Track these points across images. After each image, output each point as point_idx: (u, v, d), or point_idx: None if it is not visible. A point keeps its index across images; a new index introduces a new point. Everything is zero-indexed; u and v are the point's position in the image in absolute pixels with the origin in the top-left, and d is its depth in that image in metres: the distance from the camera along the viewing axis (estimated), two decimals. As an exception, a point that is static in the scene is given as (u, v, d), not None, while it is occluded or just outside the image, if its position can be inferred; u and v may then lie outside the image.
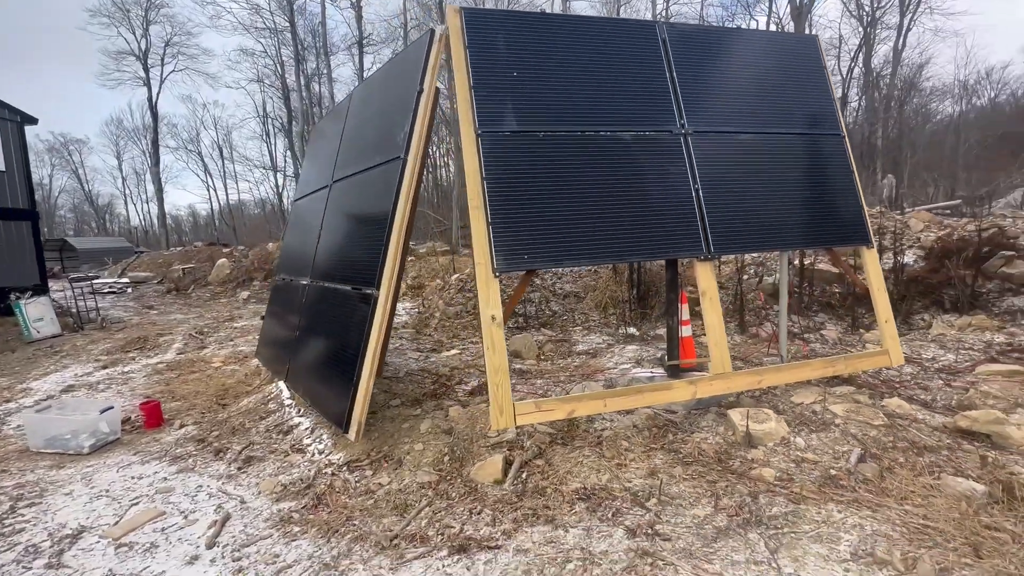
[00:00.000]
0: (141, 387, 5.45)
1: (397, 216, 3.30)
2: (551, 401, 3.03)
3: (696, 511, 2.46)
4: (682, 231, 3.41)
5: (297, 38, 25.82)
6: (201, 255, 20.55)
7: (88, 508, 2.99)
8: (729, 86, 3.83)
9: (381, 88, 4.11)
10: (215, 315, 10.83)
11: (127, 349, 7.36)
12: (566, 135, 3.36)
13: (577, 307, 7.05)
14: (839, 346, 5.00)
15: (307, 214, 5.09)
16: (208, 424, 4.21)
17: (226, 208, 44.38)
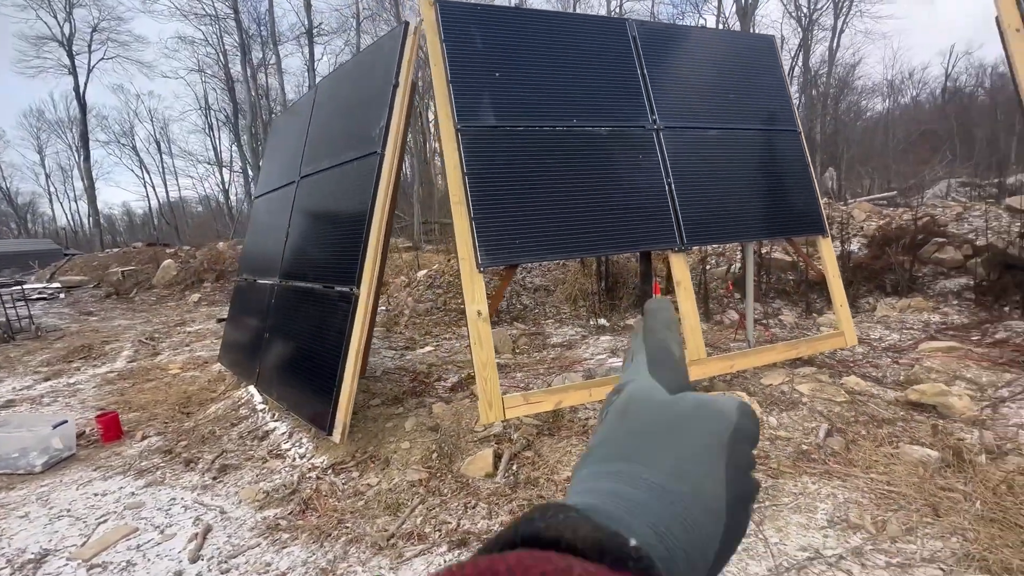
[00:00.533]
0: (92, 399, 5.09)
1: (376, 212, 3.23)
2: (538, 393, 3.08)
3: (684, 491, 2.57)
4: (657, 224, 3.53)
5: (242, 26, 24.54)
6: (142, 256, 19.29)
7: (49, 530, 2.79)
8: (695, 83, 3.98)
9: (352, 81, 4.00)
10: (164, 320, 10.24)
11: (70, 359, 6.84)
12: (544, 129, 3.39)
13: (547, 300, 7.14)
14: (796, 330, 5.32)
15: (272, 211, 4.90)
16: (174, 434, 4.00)
17: (166, 206, 41.79)
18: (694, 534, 0.23)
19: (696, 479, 0.25)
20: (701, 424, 0.27)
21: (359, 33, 26.40)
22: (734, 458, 0.26)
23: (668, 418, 0.27)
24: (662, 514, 0.23)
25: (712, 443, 0.26)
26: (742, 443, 0.27)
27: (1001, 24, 3.67)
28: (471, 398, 3.88)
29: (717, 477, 0.25)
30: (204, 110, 32.01)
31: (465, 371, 4.63)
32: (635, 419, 0.28)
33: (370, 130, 3.43)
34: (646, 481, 0.24)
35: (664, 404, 0.28)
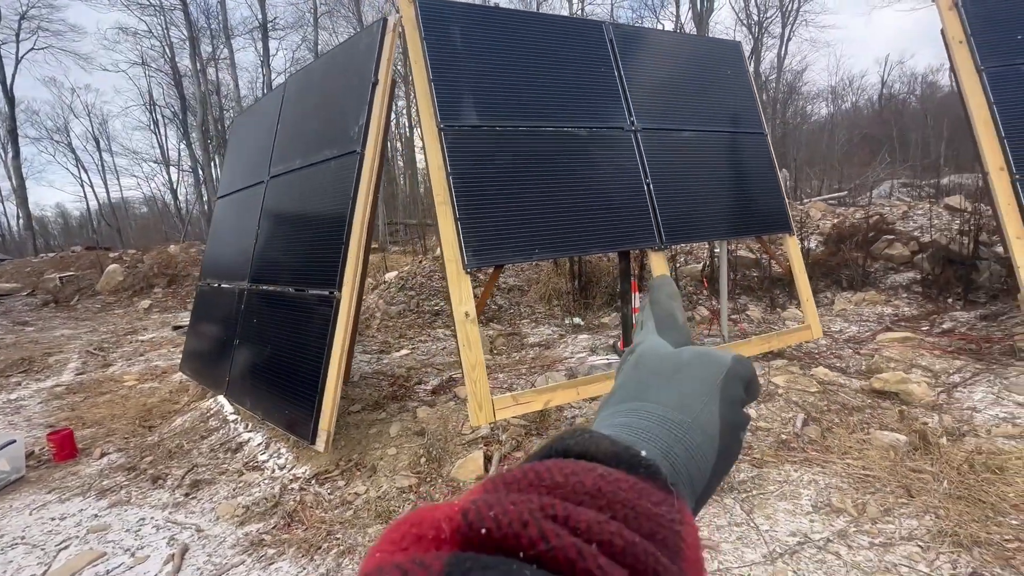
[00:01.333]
0: (39, 415, 4.71)
1: (357, 213, 3.15)
2: (527, 393, 3.08)
3: (675, 485, 2.63)
4: (637, 223, 3.60)
5: (190, 18, 23.34)
6: (82, 261, 18.03)
7: (2, 561, 2.57)
8: (669, 85, 4.08)
9: (325, 78, 3.87)
10: (112, 328, 9.62)
11: (8, 373, 6.31)
12: (526, 130, 3.39)
13: (522, 300, 7.16)
14: (763, 324, 5.55)
15: (238, 212, 4.68)
16: (136, 450, 3.75)
17: (107, 207, 39.23)
18: (693, 454, 0.28)
19: (695, 411, 0.29)
20: (700, 368, 0.32)
21: (316, 29, 25.65)
22: (726, 393, 0.31)
23: (673, 365, 0.32)
24: (667, 438, 0.28)
25: (709, 382, 0.31)
26: (734, 382, 0.31)
27: (946, 36, 3.95)
28: (455, 400, 3.83)
29: (712, 409, 0.30)
30: (149, 106, 30.27)
31: (446, 374, 4.57)
32: (644, 368, 0.33)
33: (348, 128, 3.33)
34: (654, 414, 0.29)
35: (669, 355, 0.34)
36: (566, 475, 0.21)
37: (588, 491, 0.21)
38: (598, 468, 0.22)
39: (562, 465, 0.22)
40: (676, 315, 0.38)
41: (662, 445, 0.27)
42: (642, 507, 0.21)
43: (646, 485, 0.22)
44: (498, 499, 0.19)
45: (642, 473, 0.23)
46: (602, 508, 0.20)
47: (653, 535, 0.20)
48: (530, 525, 0.18)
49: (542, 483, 0.21)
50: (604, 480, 0.21)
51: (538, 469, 0.22)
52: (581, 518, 0.19)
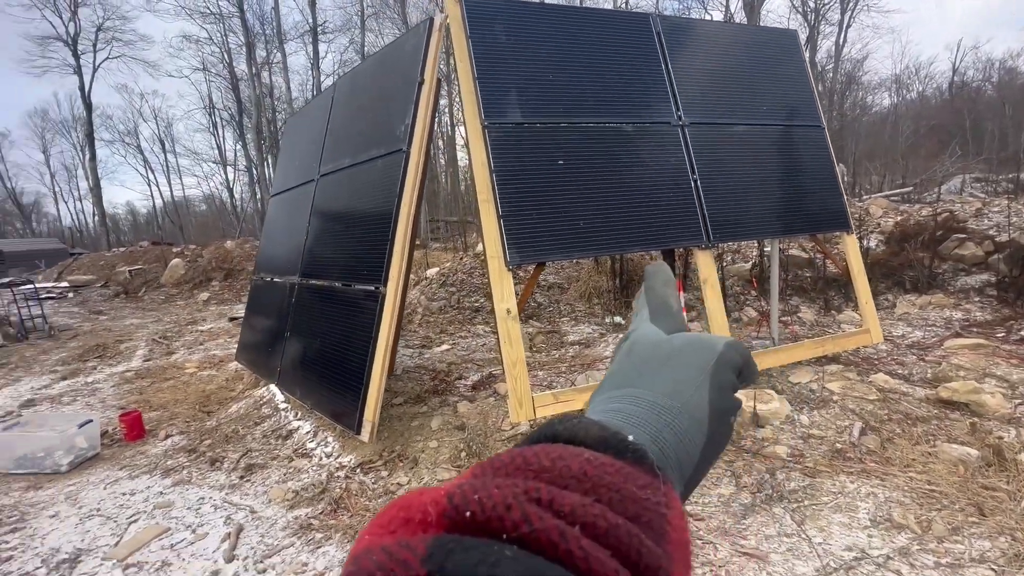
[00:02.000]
0: (112, 397, 5.09)
1: (403, 210, 3.21)
2: (568, 392, 3.06)
3: (720, 490, 2.55)
4: (683, 221, 3.50)
5: (247, 25, 24.50)
6: (149, 255, 19.33)
7: (81, 530, 2.79)
8: (719, 78, 3.94)
9: (373, 78, 3.97)
10: (175, 319, 10.26)
11: (85, 358, 6.86)
12: (570, 126, 3.36)
13: (561, 298, 7.11)
14: (816, 327, 5.28)
15: (290, 210, 4.88)
16: (196, 433, 4.00)
17: (170, 204, 41.87)
18: (682, 438, 0.28)
19: (685, 397, 0.29)
20: (692, 355, 0.32)
21: (363, 31, 26.35)
22: (717, 379, 0.31)
23: (665, 351, 0.33)
24: (656, 423, 0.28)
25: (700, 368, 0.31)
26: (724, 368, 0.31)
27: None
28: (495, 397, 3.86)
29: (702, 395, 0.30)
30: (208, 109, 32.01)
31: (486, 370, 4.61)
32: (637, 355, 0.33)
33: (395, 127, 3.40)
34: (645, 400, 0.29)
35: (662, 341, 0.34)
36: (553, 459, 0.22)
37: (574, 475, 0.21)
38: (585, 453, 0.23)
39: (549, 450, 0.22)
40: (670, 302, 0.38)
41: (651, 430, 0.28)
42: (627, 490, 0.22)
43: (632, 469, 0.23)
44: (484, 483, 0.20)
45: (629, 458, 0.24)
46: (587, 491, 0.21)
47: (638, 518, 0.21)
48: (514, 508, 0.18)
49: (529, 467, 0.21)
50: (590, 464, 0.22)
51: (526, 454, 0.22)
52: (565, 501, 0.19)
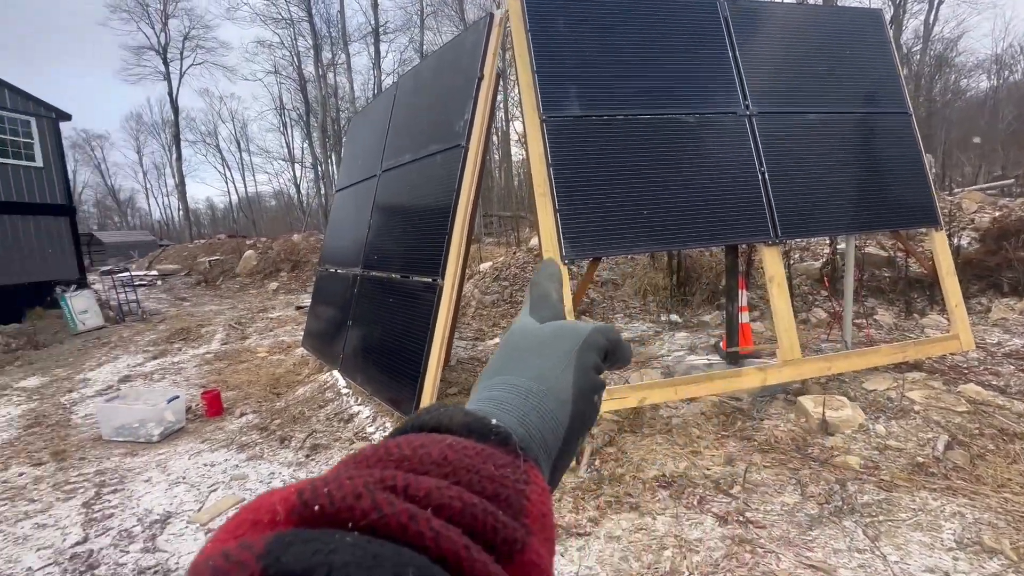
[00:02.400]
0: (194, 377, 5.56)
1: (460, 205, 3.28)
2: (622, 389, 3.01)
3: (784, 499, 2.43)
4: (748, 215, 3.34)
5: (315, 28, 25.75)
6: (225, 247, 20.86)
7: (169, 495, 3.08)
8: (793, 64, 3.72)
9: (434, 75, 4.07)
10: (248, 306, 11.00)
11: (172, 340, 7.52)
12: (631, 118, 3.29)
13: (615, 294, 7.00)
14: (895, 331, 4.89)
15: (353, 204, 5.10)
16: (267, 412, 4.28)
17: (244, 200, 44.92)
18: (547, 419, 0.30)
19: (551, 380, 0.31)
20: (559, 340, 0.34)
21: (423, 30, 26.94)
22: (581, 362, 0.33)
23: (535, 339, 0.35)
24: (524, 407, 0.29)
25: (566, 352, 0.33)
26: (588, 352, 0.33)
27: None
28: (547, 391, 3.86)
29: (568, 377, 0.32)
30: (279, 109, 33.97)
31: (538, 363, 4.62)
32: (511, 344, 0.35)
33: (454, 123, 3.47)
34: (514, 385, 0.31)
35: (534, 330, 0.36)
36: (414, 448, 0.23)
37: (434, 460, 0.22)
38: (448, 439, 0.24)
39: (412, 439, 0.23)
40: (551, 294, 0.40)
41: (518, 414, 0.29)
42: (486, 470, 0.22)
43: (494, 451, 0.24)
44: (336, 476, 0.20)
45: (492, 440, 0.25)
46: (447, 475, 0.22)
47: (496, 495, 0.22)
48: (363, 497, 0.19)
49: (390, 458, 0.22)
50: (451, 449, 0.23)
51: (388, 445, 0.23)
52: (421, 486, 0.20)
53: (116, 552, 2.55)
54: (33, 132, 10.68)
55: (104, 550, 2.57)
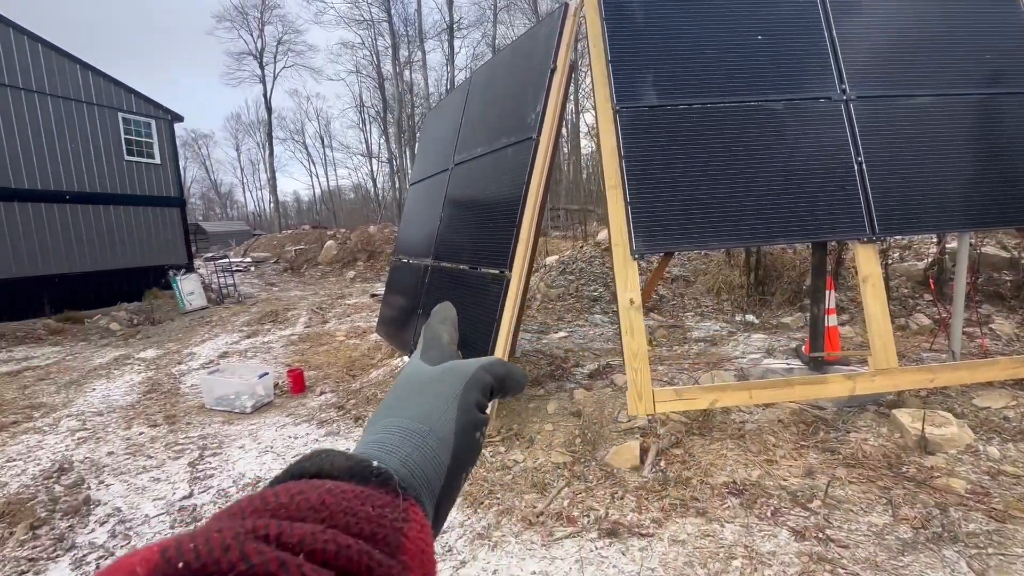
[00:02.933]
0: (281, 356, 6.06)
1: (529, 197, 3.29)
2: (692, 389, 2.90)
3: (872, 519, 2.24)
4: (841, 210, 3.07)
5: (393, 27, 26.80)
6: (309, 237, 22.41)
7: (259, 461, 3.38)
8: (899, 41, 3.35)
9: (507, 68, 4.10)
10: (328, 292, 11.77)
11: (262, 321, 8.22)
12: (710, 107, 3.13)
13: (687, 292, 6.73)
14: (1016, 343, 4.30)
15: (426, 197, 5.28)
16: (344, 393, 4.58)
17: (326, 193, 47.94)
18: (429, 458, 0.31)
19: (434, 419, 0.33)
20: (444, 382, 0.35)
21: (495, 24, 27.17)
22: (464, 400, 0.34)
23: (421, 381, 0.36)
24: (406, 447, 0.30)
25: (449, 392, 0.34)
26: (471, 390, 0.35)
27: None
28: (612, 387, 3.81)
29: (450, 416, 0.33)
30: (359, 107, 35.79)
31: (603, 360, 4.56)
32: (400, 387, 0.36)
33: (526, 116, 3.48)
34: (398, 426, 0.32)
35: (421, 372, 0.37)
36: (292, 495, 0.23)
37: (312, 506, 0.22)
38: (327, 484, 0.24)
39: (291, 486, 0.23)
40: (442, 337, 0.41)
41: (401, 454, 0.30)
42: (363, 512, 0.23)
43: (373, 492, 0.24)
44: (205, 530, 0.20)
45: (374, 482, 0.25)
46: (324, 520, 0.22)
47: (373, 536, 0.22)
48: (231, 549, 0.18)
49: (266, 507, 0.22)
50: (330, 494, 0.23)
51: (264, 494, 0.23)
52: (295, 533, 0.20)
53: (215, 509, 2.85)
54: (153, 133, 12.04)
55: (205, 506, 2.88)
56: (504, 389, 0.38)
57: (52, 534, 2.68)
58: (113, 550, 2.53)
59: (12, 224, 9.49)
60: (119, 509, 2.89)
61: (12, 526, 2.74)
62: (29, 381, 5.60)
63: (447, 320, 0.43)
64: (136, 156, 11.67)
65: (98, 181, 10.91)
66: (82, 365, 6.26)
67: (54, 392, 5.17)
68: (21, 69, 9.66)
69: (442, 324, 0.43)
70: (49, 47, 10.11)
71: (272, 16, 32.49)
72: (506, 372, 0.37)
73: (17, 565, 2.43)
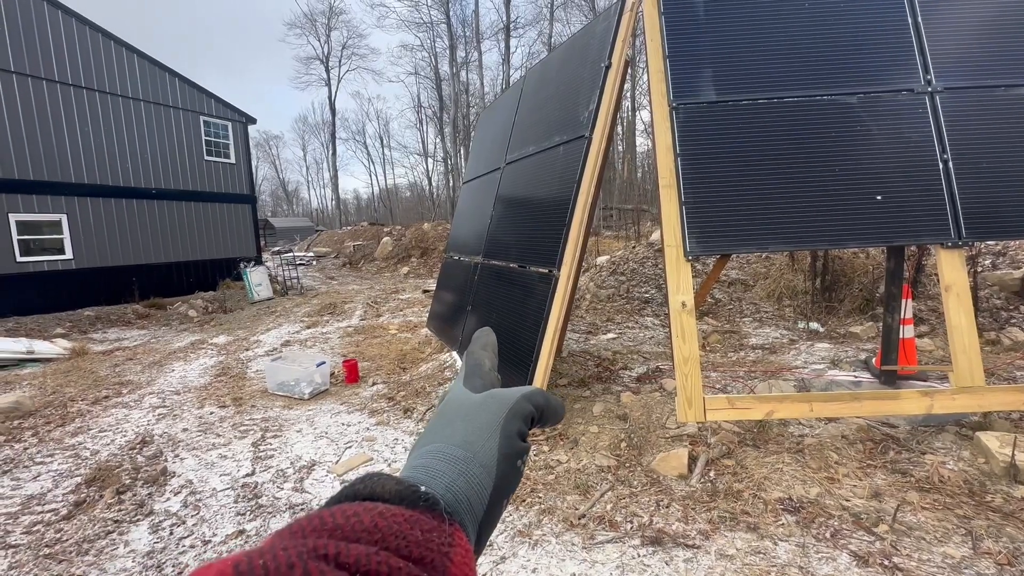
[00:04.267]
0: (338, 346, 6.34)
1: (580, 197, 3.26)
2: (747, 399, 2.77)
3: (947, 549, 2.05)
4: (922, 212, 2.82)
5: (452, 28, 27.32)
6: (367, 234, 23.33)
7: (314, 446, 3.56)
8: (995, 24, 3.03)
9: (561, 66, 4.07)
10: (383, 287, 12.20)
11: (322, 313, 8.64)
12: (774, 102, 2.97)
13: (744, 296, 6.42)
14: None
15: (477, 196, 5.35)
16: (394, 384, 4.73)
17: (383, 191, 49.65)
18: (473, 485, 0.32)
19: (477, 447, 0.34)
20: (486, 409, 0.36)
21: (551, 22, 27.06)
22: (506, 429, 0.35)
23: (465, 409, 0.37)
24: (451, 473, 0.32)
25: (492, 421, 0.35)
26: (514, 419, 0.36)
27: None
28: (660, 392, 3.70)
29: (492, 444, 0.34)
30: (416, 108, 36.77)
31: (652, 363, 4.45)
32: (443, 414, 0.38)
33: (579, 114, 3.45)
34: (443, 453, 0.33)
35: (464, 400, 0.38)
36: (347, 516, 0.24)
37: (366, 528, 0.24)
38: (379, 507, 0.25)
39: (346, 508, 0.25)
40: (483, 363, 0.42)
41: (447, 480, 0.31)
42: (413, 536, 0.25)
43: (422, 516, 0.26)
44: (271, 547, 0.22)
45: (421, 507, 0.27)
46: (376, 542, 0.23)
47: (422, 559, 0.24)
48: (296, 567, 0.20)
49: (324, 527, 0.24)
50: (382, 517, 0.25)
51: (322, 515, 0.25)
52: (352, 553, 0.22)
53: (274, 488, 3.03)
54: (229, 134, 12.95)
55: (265, 484, 3.07)
56: (544, 419, 0.39)
57: (134, 500, 2.95)
58: (184, 518, 2.75)
59: (109, 218, 10.52)
60: (191, 481, 3.14)
61: (102, 490, 3.04)
62: (119, 360, 6.19)
63: (488, 346, 0.45)
64: (214, 156, 12.59)
65: (181, 179, 11.88)
66: (163, 347, 6.84)
67: (139, 371, 5.69)
68: (120, 78, 10.68)
69: (483, 350, 0.44)
70: (141, 56, 11.10)
71: (338, 22, 34.04)
72: (546, 402, 0.39)
73: (105, 525, 2.70)
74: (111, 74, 10.53)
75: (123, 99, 10.75)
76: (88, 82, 10.17)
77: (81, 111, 10.05)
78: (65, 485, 3.14)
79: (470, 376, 0.41)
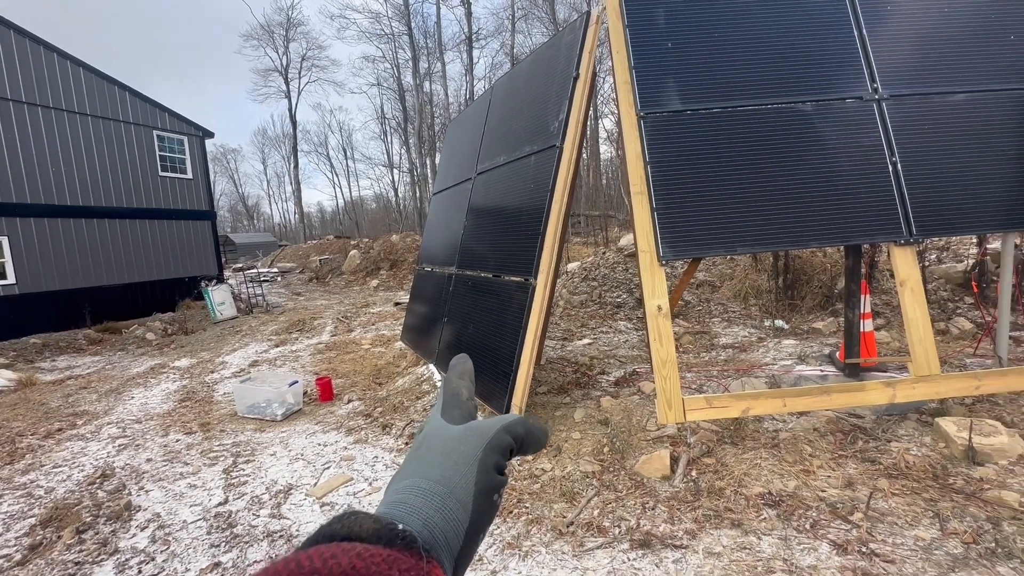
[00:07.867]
0: (309, 364, 6.16)
1: (554, 205, 3.29)
2: (724, 397, 2.84)
3: (918, 532, 2.15)
4: (875, 212, 2.99)
5: (414, 40, 27.28)
6: (333, 247, 22.84)
7: (290, 469, 3.44)
8: (934, 37, 3.25)
9: (528, 77, 4.13)
10: (352, 301, 11.95)
11: (290, 330, 8.39)
12: (735, 110, 3.09)
13: (712, 297, 6.61)
14: (1068, 348, 4.09)
15: (449, 207, 5.33)
16: (371, 400, 4.63)
17: (349, 203, 48.84)
18: (449, 520, 0.32)
19: (454, 482, 0.34)
20: (463, 443, 0.36)
21: (513, 33, 27.39)
22: (483, 463, 0.35)
23: (443, 443, 0.37)
24: (427, 510, 0.32)
25: (470, 455, 0.35)
26: (491, 452, 0.36)
27: None
28: (639, 395, 3.76)
29: (469, 479, 0.34)
30: (380, 119, 36.44)
31: (629, 367, 4.51)
32: (421, 448, 0.38)
33: (548, 124, 3.50)
34: (420, 488, 0.33)
35: (441, 433, 0.38)
36: (324, 559, 0.24)
37: (344, 570, 0.24)
38: (357, 547, 0.26)
39: (323, 550, 0.25)
40: (461, 392, 0.42)
41: (423, 516, 0.31)
42: None
43: (400, 555, 0.26)
44: None
45: (399, 545, 0.27)
46: None
47: None
48: None
49: (302, 571, 0.24)
50: (360, 558, 0.25)
51: (299, 558, 0.25)
52: None
53: (249, 515, 2.91)
54: (185, 149, 12.48)
55: (240, 512, 2.94)
56: (524, 449, 0.38)
57: (96, 538, 2.77)
58: (154, 555, 2.60)
59: (56, 239, 9.94)
60: (158, 514, 2.98)
61: (59, 530, 2.85)
62: (72, 389, 5.84)
63: (465, 375, 0.44)
64: (170, 172, 12.11)
65: (135, 196, 11.35)
66: (121, 374, 6.49)
67: (95, 400, 5.37)
68: (64, 91, 10.16)
69: (460, 379, 0.44)
70: (89, 70, 10.60)
71: (296, 33, 33.46)
72: (526, 431, 0.38)
73: (65, 568, 2.52)
74: (55, 88, 10.01)
75: (69, 114, 10.22)
76: (30, 97, 9.64)
77: (22, 127, 9.51)
78: (17, 528, 2.92)
79: (448, 406, 0.41)
